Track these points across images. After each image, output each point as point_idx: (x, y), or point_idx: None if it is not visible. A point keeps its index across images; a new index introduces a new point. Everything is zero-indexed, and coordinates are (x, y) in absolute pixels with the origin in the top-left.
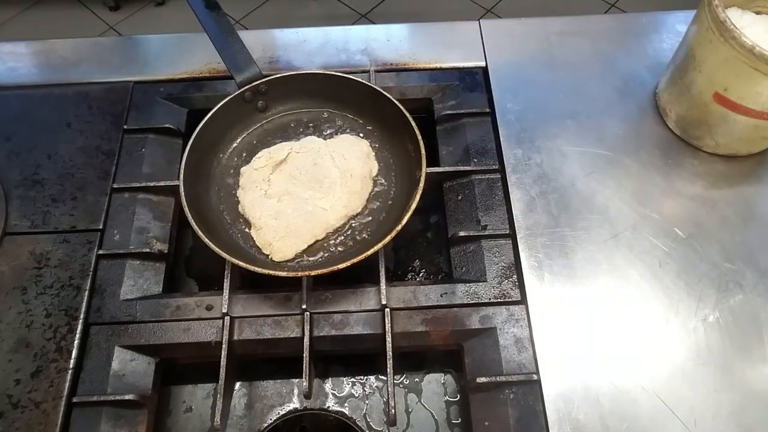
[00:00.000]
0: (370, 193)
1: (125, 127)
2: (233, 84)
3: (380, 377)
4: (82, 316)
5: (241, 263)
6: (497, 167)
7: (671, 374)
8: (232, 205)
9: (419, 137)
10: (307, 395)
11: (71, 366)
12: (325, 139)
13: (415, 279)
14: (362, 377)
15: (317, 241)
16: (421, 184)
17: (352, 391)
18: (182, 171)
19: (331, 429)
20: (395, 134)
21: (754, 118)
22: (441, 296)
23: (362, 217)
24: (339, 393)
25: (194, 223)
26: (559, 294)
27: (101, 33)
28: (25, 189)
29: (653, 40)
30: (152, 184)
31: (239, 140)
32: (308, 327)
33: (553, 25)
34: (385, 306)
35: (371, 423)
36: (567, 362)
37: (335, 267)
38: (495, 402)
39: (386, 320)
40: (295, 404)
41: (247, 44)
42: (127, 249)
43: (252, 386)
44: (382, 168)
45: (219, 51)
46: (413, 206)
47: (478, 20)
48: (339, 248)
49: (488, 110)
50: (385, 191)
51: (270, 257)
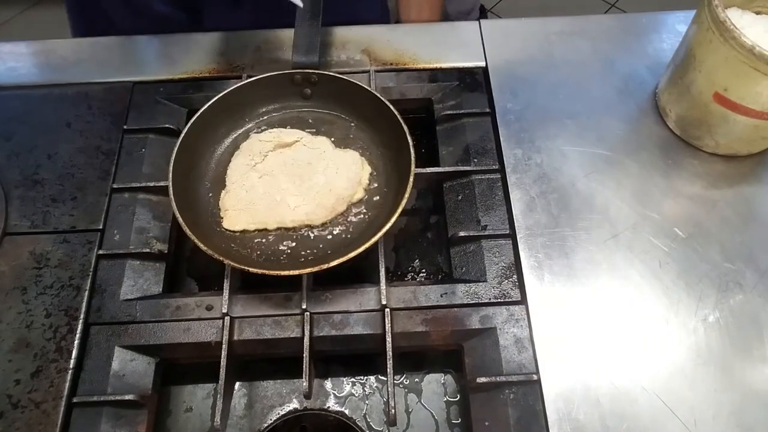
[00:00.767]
0: (338, 215)
1: (125, 127)
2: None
3: (380, 377)
4: (82, 316)
5: (234, 263)
6: (497, 167)
7: (671, 374)
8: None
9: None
10: (307, 395)
11: (71, 366)
12: (335, 147)
13: (415, 279)
14: (362, 377)
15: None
16: (409, 187)
17: (352, 391)
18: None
19: (331, 429)
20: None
21: (754, 118)
22: (441, 296)
23: (358, 217)
24: (339, 393)
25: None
26: (559, 294)
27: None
28: (25, 189)
29: (653, 40)
30: (152, 184)
31: (275, 115)
32: (308, 327)
33: (553, 25)
34: (385, 306)
35: (371, 423)
36: (567, 362)
37: (327, 265)
38: (495, 402)
39: (386, 320)
40: (295, 404)
41: (248, 42)
42: (127, 249)
43: (252, 386)
44: (382, 168)
45: (295, 27)
46: (399, 210)
47: (478, 20)
48: (329, 248)
49: (488, 110)
50: (385, 193)
51: (222, 222)
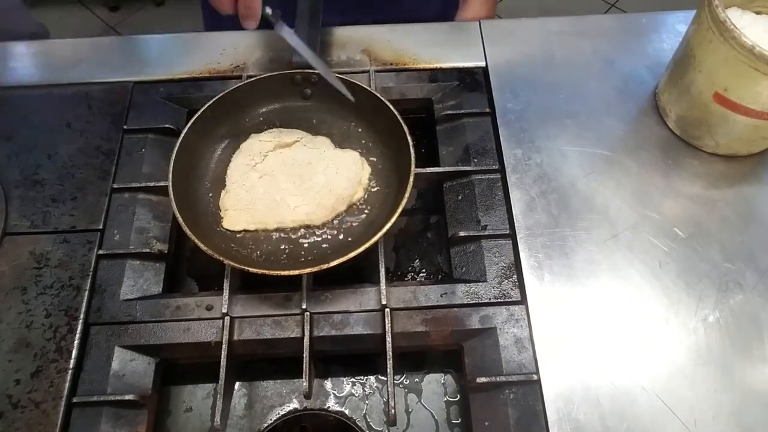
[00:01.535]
0: (338, 215)
1: (125, 127)
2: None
3: (380, 377)
4: (82, 316)
5: (234, 263)
6: (497, 167)
7: (671, 374)
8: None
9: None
10: (307, 395)
11: (71, 366)
12: (336, 148)
13: (415, 279)
14: (362, 377)
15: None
16: (409, 187)
17: (352, 391)
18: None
19: (331, 429)
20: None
21: (754, 118)
22: (441, 296)
23: (358, 217)
24: (339, 393)
25: (186, 228)
26: (559, 294)
27: (101, 33)
28: (25, 189)
29: (653, 40)
30: (152, 184)
31: (275, 115)
32: (308, 327)
33: (553, 25)
34: (385, 306)
35: (371, 423)
36: (567, 362)
37: (327, 265)
38: (495, 402)
39: (386, 320)
40: (295, 404)
41: (248, 42)
42: (127, 249)
43: (252, 386)
44: (382, 168)
45: (295, 27)
46: (399, 210)
47: (479, 20)
48: (329, 248)
49: (488, 110)
50: (385, 193)
51: (222, 222)
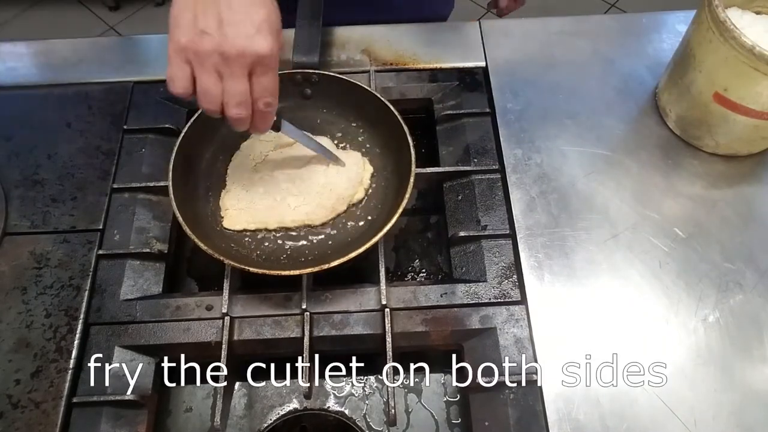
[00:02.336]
0: (339, 215)
1: (125, 127)
2: None
3: (380, 377)
4: (82, 316)
5: (234, 263)
6: (497, 167)
7: (671, 374)
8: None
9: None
10: (307, 395)
11: (71, 366)
12: (337, 148)
13: (415, 279)
14: (362, 377)
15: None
16: (409, 187)
17: (352, 391)
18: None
19: (331, 429)
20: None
21: (754, 118)
22: (441, 296)
23: (358, 217)
24: (339, 393)
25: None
26: (559, 294)
27: (101, 33)
28: (25, 189)
29: (653, 40)
30: (152, 184)
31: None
32: (308, 327)
33: (553, 25)
34: (385, 306)
35: (371, 423)
36: (567, 362)
37: (327, 265)
38: (495, 402)
39: (386, 320)
40: (295, 404)
41: None
42: (127, 249)
43: (252, 386)
44: (383, 168)
45: (296, 27)
46: (399, 210)
47: (478, 20)
48: (329, 248)
49: (488, 110)
50: (385, 193)
51: (222, 221)
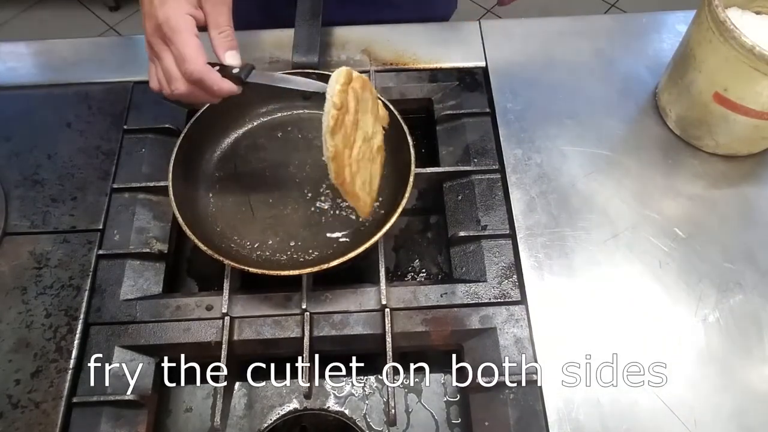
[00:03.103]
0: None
1: (125, 127)
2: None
3: (380, 377)
4: (82, 316)
5: (234, 263)
6: (497, 167)
7: (671, 374)
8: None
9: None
10: (307, 395)
11: (71, 366)
12: None
13: (415, 279)
14: (362, 377)
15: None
16: (409, 187)
17: (352, 391)
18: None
19: (331, 429)
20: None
21: (754, 118)
22: (441, 296)
23: (358, 217)
24: (339, 393)
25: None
26: (559, 294)
27: (101, 33)
28: (25, 189)
29: (653, 40)
30: (152, 184)
31: (275, 115)
32: (308, 327)
33: (553, 25)
34: (385, 306)
35: (371, 423)
36: (567, 362)
37: (327, 265)
38: (495, 402)
39: (386, 320)
40: (295, 404)
41: (248, 43)
42: (127, 249)
43: (252, 386)
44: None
45: (295, 26)
46: (399, 210)
47: (478, 20)
48: (329, 248)
49: (488, 110)
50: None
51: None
